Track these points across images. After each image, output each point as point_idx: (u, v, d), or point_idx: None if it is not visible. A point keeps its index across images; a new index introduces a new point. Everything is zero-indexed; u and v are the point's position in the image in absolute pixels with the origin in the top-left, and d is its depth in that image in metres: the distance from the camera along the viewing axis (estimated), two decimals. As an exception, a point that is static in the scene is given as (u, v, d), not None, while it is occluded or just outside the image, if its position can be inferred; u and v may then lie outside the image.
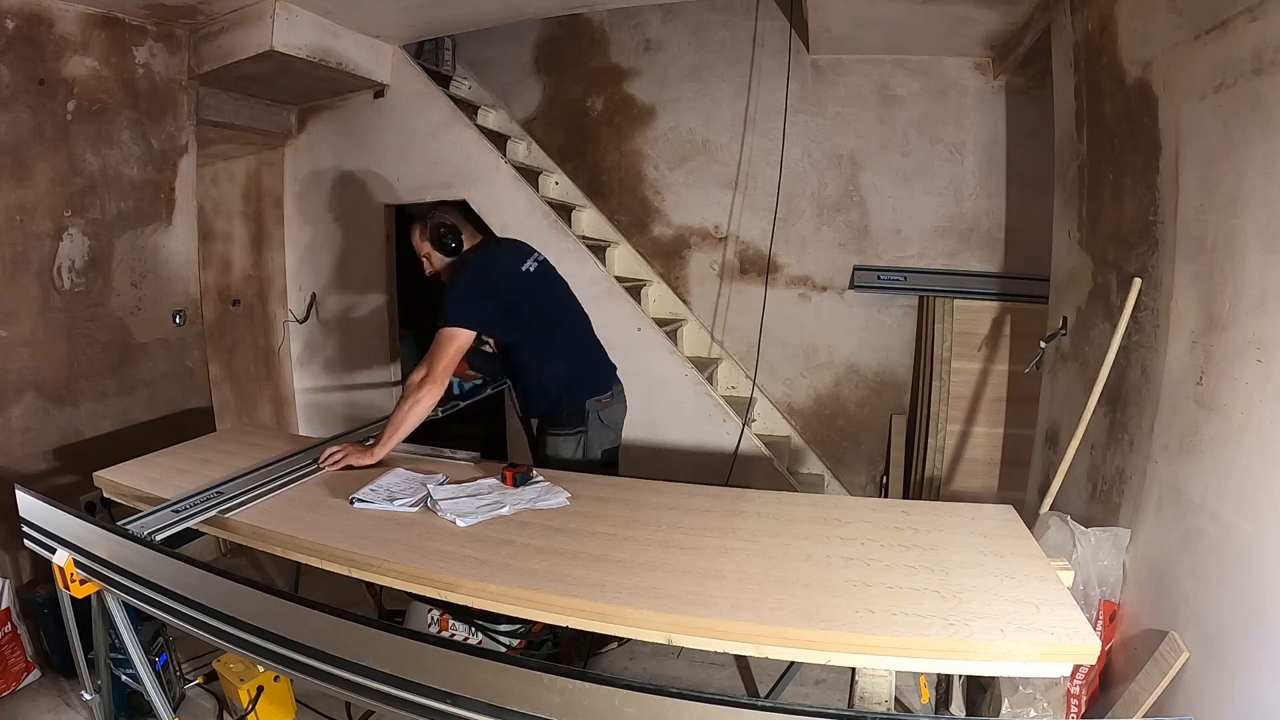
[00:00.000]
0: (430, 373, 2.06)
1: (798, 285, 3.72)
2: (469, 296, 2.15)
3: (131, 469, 2.10)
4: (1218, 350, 1.53)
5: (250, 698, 2.15)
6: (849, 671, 1.33)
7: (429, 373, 2.07)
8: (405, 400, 2.08)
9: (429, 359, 2.09)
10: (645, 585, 1.40)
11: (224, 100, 3.42)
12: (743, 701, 1.10)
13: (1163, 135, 1.78)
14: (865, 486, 3.75)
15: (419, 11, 3.23)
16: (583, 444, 2.32)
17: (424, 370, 2.08)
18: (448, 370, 2.09)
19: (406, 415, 2.07)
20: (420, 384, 2.07)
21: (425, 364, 2.09)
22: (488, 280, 2.21)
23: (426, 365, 2.08)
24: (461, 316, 2.11)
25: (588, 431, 2.32)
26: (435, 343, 2.09)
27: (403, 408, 2.07)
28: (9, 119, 2.51)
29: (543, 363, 2.32)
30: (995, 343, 3.37)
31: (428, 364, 2.08)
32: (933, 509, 1.78)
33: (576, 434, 2.31)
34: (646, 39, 3.83)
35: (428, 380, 2.06)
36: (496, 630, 2.05)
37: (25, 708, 2.34)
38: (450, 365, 2.09)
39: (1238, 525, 1.43)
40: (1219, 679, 1.45)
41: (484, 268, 2.24)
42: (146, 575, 1.58)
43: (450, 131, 3.56)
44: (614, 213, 3.99)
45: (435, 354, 2.08)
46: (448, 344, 2.08)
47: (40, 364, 2.64)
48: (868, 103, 3.52)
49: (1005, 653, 1.19)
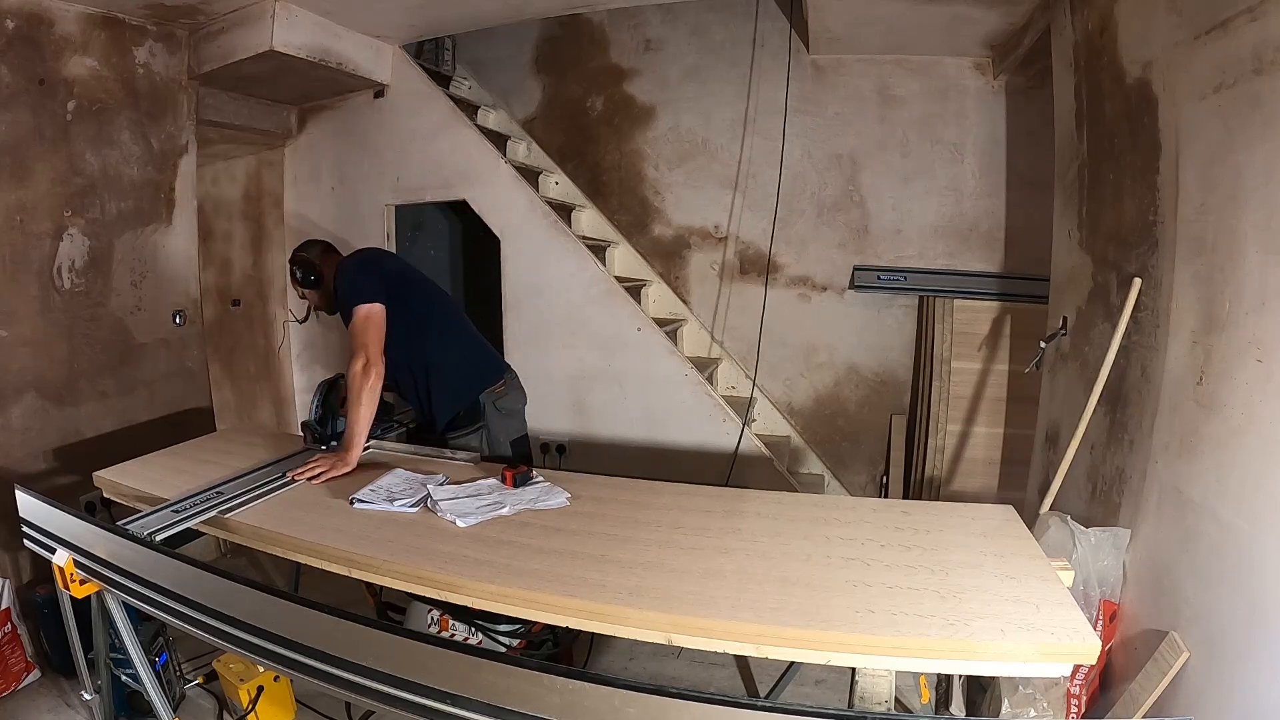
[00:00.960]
0: (368, 356, 2.10)
1: (798, 285, 3.72)
2: (357, 276, 2.22)
3: (131, 469, 2.10)
4: (1218, 350, 1.53)
5: (250, 698, 2.15)
6: (849, 671, 1.33)
7: (366, 358, 2.10)
8: (356, 393, 2.09)
9: (360, 346, 2.11)
10: (645, 585, 1.40)
11: (224, 100, 3.42)
12: (743, 701, 1.10)
13: (1163, 135, 1.78)
14: (865, 486, 3.75)
15: (419, 11, 3.23)
16: (485, 438, 2.33)
17: (361, 358, 2.10)
18: (379, 348, 2.13)
19: (362, 407, 2.09)
20: (364, 371, 2.09)
21: (359, 352, 2.11)
22: (368, 261, 2.34)
23: (361, 353, 2.10)
24: (361, 293, 2.16)
25: (487, 424, 2.34)
26: (354, 331, 2.13)
27: (358, 402, 2.08)
28: (9, 119, 2.51)
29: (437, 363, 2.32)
30: (995, 343, 3.37)
31: (361, 350, 2.11)
32: (933, 509, 1.78)
33: (477, 429, 2.33)
34: (646, 39, 3.83)
35: (369, 365, 2.09)
36: (496, 630, 2.05)
37: (25, 708, 2.34)
38: (379, 342, 2.13)
39: (1238, 525, 1.43)
40: (1219, 679, 1.45)
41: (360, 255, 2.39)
42: (146, 575, 1.58)
43: (450, 131, 3.56)
44: (614, 213, 3.99)
45: (361, 339, 2.12)
46: (365, 324, 2.13)
47: (40, 364, 2.64)
48: (868, 103, 3.52)
49: (1005, 653, 1.19)
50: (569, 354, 3.50)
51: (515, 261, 3.54)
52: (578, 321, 3.47)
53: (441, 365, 2.32)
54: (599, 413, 3.50)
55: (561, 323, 3.50)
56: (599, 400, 3.49)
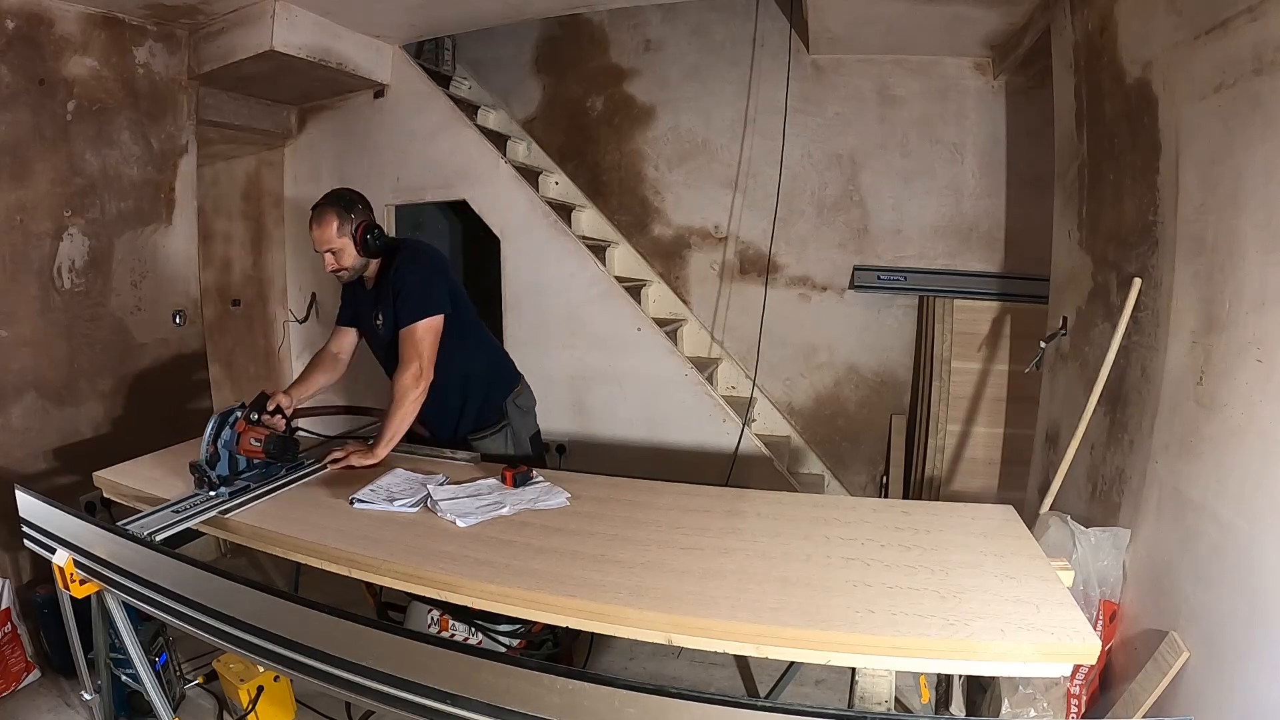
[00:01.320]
0: (423, 369, 2.08)
1: (798, 285, 3.72)
2: (431, 283, 2.16)
3: (131, 469, 2.10)
4: (1218, 350, 1.53)
5: (250, 698, 2.15)
6: (849, 671, 1.33)
7: (421, 369, 2.08)
8: (404, 399, 2.08)
9: (417, 355, 2.08)
10: (645, 585, 1.40)
11: (224, 100, 3.42)
12: (743, 701, 1.10)
13: (1163, 135, 1.78)
14: (865, 486, 3.75)
15: (419, 11, 3.23)
16: (509, 436, 2.33)
17: (415, 367, 2.08)
18: (434, 361, 2.11)
19: (407, 413, 2.09)
20: (415, 382, 2.08)
21: (414, 362, 2.08)
22: (439, 267, 2.23)
23: (416, 362, 2.08)
24: (435, 303, 2.12)
25: (510, 424, 2.34)
26: (415, 338, 2.09)
27: (403, 406, 2.08)
28: (9, 119, 2.51)
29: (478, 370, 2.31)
30: (995, 343, 3.37)
31: (416, 361, 2.08)
32: (933, 509, 1.78)
33: (501, 429, 2.32)
34: (646, 39, 3.83)
35: (422, 377, 2.08)
36: (496, 630, 2.05)
37: (25, 708, 2.34)
38: (434, 354, 2.11)
39: (1238, 525, 1.43)
40: (1219, 679, 1.45)
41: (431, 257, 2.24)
42: (146, 575, 1.58)
43: (450, 131, 3.56)
44: (614, 213, 3.99)
45: (420, 349, 2.09)
46: (428, 334, 2.10)
47: (40, 364, 2.64)
48: (868, 103, 3.52)
49: (1005, 653, 1.19)
50: (569, 354, 3.50)
51: (515, 261, 3.54)
52: (578, 321, 3.47)
53: (480, 373, 2.32)
54: (599, 413, 3.50)
55: (561, 323, 3.50)
56: (599, 400, 3.49)
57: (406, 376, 2.07)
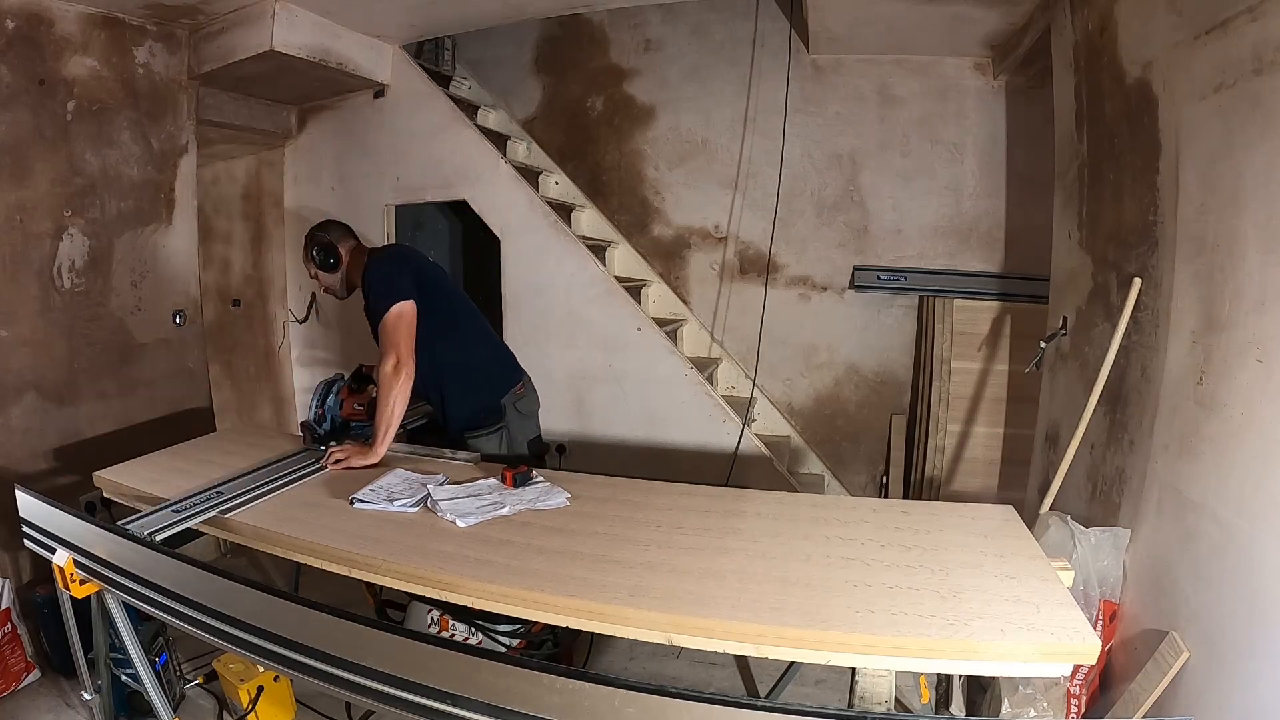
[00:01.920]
0: (399, 356, 2.10)
1: (797, 285, 3.72)
2: (392, 273, 2.21)
3: (131, 469, 2.10)
4: (1218, 350, 1.53)
5: (250, 698, 2.15)
6: (849, 671, 1.33)
7: (398, 358, 2.10)
8: (387, 391, 2.09)
9: (391, 346, 2.11)
10: (645, 585, 1.40)
11: (224, 100, 3.42)
12: (743, 701, 1.10)
13: (1163, 135, 1.78)
14: (865, 486, 3.75)
15: (419, 11, 3.23)
16: (505, 439, 2.34)
17: (392, 358, 2.09)
18: (411, 348, 2.13)
19: (394, 407, 2.09)
20: (395, 371, 2.09)
21: (390, 352, 2.10)
22: (400, 258, 2.34)
23: (393, 352, 2.10)
24: (396, 291, 2.14)
25: (508, 426, 2.35)
26: (386, 329, 2.12)
27: (387, 402, 2.09)
28: (9, 119, 2.51)
29: (460, 365, 2.32)
30: (995, 343, 3.37)
31: (393, 350, 2.10)
32: (933, 509, 1.78)
33: (498, 430, 2.33)
34: (646, 39, 3.83)
35: (400, 365, 2.10)
36: (496, 630, 2.05)
37: (25, 708, 2.34)
38: (410, 341, 2.13)
39: (1238, 525, 1.43)
40: (1219, 679, 1.45)
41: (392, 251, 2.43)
42: (146, 575, 1.58)
43: (450, 131, 3.56)
44: (614, 213, 3.99)
45: (393, 338, 2.11)
46: (397, 323, 2.12)
47: (40, 364, 2.64)
48: (868, 103, 3.51)
49: (1005, 653, 1.19)
50: (569, 354, 3.50)
51: (515, 261, 3.53)
52: (578, 321, 3.47)
53: (463, 367, 2.32)
54: (599, 412, 3.50)
55: (561, 323, 3.50)
56: (599, 400, 3.49)
57: (386, 368, 2.10)
